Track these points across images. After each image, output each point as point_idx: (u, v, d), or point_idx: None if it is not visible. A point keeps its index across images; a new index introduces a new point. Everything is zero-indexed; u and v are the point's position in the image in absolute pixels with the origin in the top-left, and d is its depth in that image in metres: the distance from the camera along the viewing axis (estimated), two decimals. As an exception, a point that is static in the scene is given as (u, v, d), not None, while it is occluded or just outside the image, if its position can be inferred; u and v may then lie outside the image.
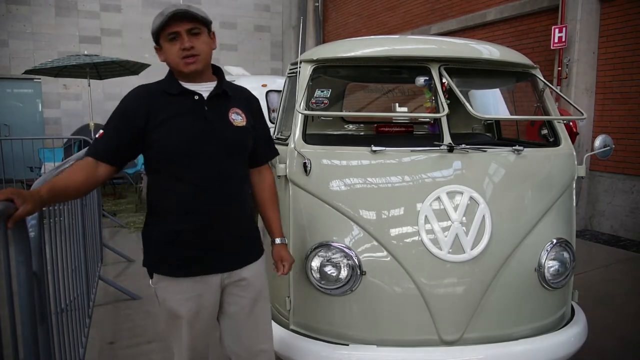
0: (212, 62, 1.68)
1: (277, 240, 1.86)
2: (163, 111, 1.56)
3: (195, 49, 1.55)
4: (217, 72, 1.70)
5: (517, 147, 2.19)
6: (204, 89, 1.63)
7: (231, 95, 1.68)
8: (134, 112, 1.56)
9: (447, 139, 2.11)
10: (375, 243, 2.00)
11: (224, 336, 1.78)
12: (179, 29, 1.53)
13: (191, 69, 1.57)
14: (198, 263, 1.62)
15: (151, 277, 1.68)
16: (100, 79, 7.86)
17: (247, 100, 1.75)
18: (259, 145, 1.78)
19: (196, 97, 1.60)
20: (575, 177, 2.33)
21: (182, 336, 1.67)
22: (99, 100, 9.91)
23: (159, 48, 1.61)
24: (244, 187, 1.70)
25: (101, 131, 1.60)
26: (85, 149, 3.76)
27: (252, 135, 1.70)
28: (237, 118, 1.66)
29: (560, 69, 5.97)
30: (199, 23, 1.56)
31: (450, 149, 2.08)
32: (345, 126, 3.88)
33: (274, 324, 2.18)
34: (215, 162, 1.59)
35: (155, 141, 1.55)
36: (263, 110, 1.87)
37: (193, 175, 1.57)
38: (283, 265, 1.84)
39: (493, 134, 3.46)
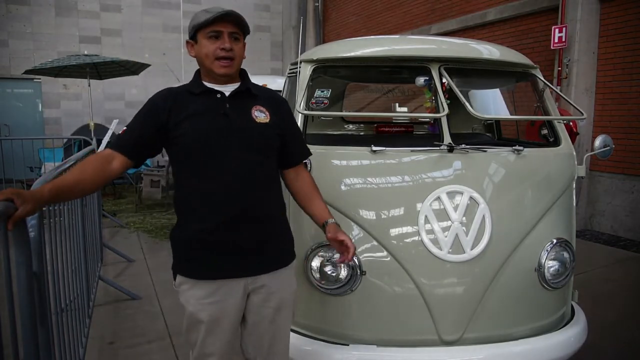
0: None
1: (330, 220, 1.71)
2: (185, 109, 1.57)
3: (233, 52, 1.56)
4: (242, 74, 1.69)
5: (517, 147, 2.19)
6: (228, 89, 1.63)
7: (256, 94, 1.67)
8: (158, 109, 1.57)
9: (447, 139, 2.11)
10: (375, 243, 2.00)
11: (243, 343, 1.74)
12: (224, 29, 1.54)
13: (223, 72, 1.58)
14: (220, 266, 1.57)
15: (174, 278, 1.65)
16: (100, 79, 7.86)
17: (273, 101, 1.71)
18: (292, 145, 1.74)
19: (218, 96, 1.60)
20: (575, 177, 2.33)
21: (201, 341, 1.61)
22: (99, 100, 9.91)
23: (192, 43, 1.61)
24: (271, 187, 1.66)
25: (124, 128, 1.62)
26: (85, 148, 3.76)
27: (278, 133, 1.65)
28: (260, 115, 1.63)
29: (560, 69, 5.96)
30: (240, 30, 1.59)
31: (450, 149, 2.08)
32: (345, 126, 3.88)
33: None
34: (237, 159, 1.56)
35: (176, 137, 1.55)
36: (289, 105, 1.85)
37: (214, 172, 1.54)
38: (346, 247, 1.66)
39: (493, 134, 3.46)
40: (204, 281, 1.58)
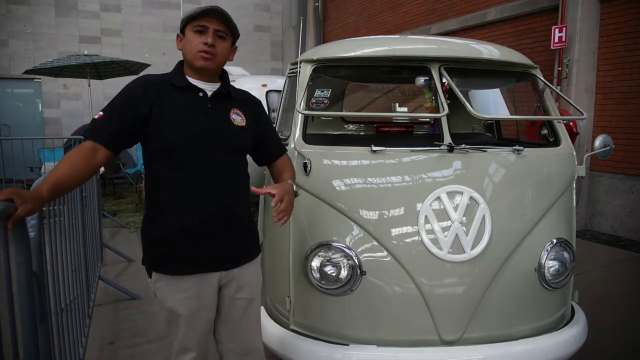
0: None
1: (288, 180, 1.75)
2: (167, 102, 1.58)
3: (215, 49, 1.59)
4: (223, 75, 1.74)
5: (517, 147, 2.19)
6: (209, 87, 1.66)
7: (234, 97, 1.72)
8: (139, 98, 1.56)
9: (447, 139, 2.11)
10: (375, 243, 2.00)
11: (217, 333, 1.80)
12: (209, 24, 1.58)
13: (203, 65, 1.59)
14: (196, 261, 1.62)
15: (150, 276, 1.68)
16: (100, 79, 7.87)
17: (248, 103, 1.78)
18: (270, 143, 1.83)
19: (200, 94, 1.63)
20: (575, 177, 2.33)
21: (181, 335, 1.68)
22: (99, 100, 9.86)
23: (181, 36, 1.65)
24: (243, 185, 1.71)
25: (100, 113, 1.57)
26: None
27: (251, 135, 1.72)
28: (237, 118, 1.68)
29: (560, 69, 5.96)
30: (227, 29, 1.62)
31: (450, 149, 2.08)
32: (345, 126, 3.88)
33: (274, 323, 2.18)
34: (215, 158, 1.61)
35: (156, 131, 1.55)
36: (263, 106, 1.89)
37: (191, 169, 1.58)
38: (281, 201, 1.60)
39: (493, 134, 3.46)
40: (181, 276, 1.62)
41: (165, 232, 1.60)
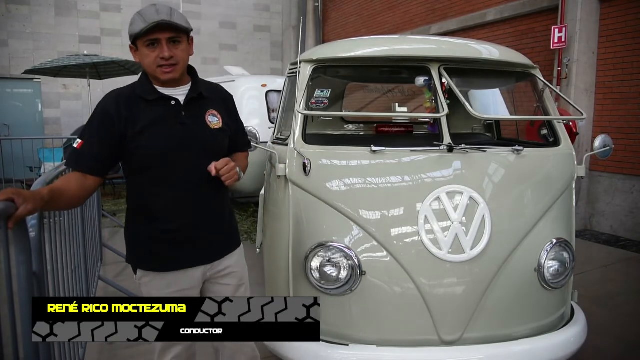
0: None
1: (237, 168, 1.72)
2: (141, 118, 1.56)
3: (174, 59, 1.54)
4: (191, 73, 1.70)
5: (516, 147, 2.19)
6: (180, 92, 1.63)
7: (207, 96, 1.69)
8: (113, 118, 1.54)
9: (447, 139, 2.11)
10: (375, 243, 2.00)
11: None
12: (160, 36, 1.51)
13: (168, 78, 1.56)
14: (181, 258, 1.65)
15: (135, 272, 1.71)
16: (100, 79, 7.87)
17: (222, 100, 1.76)
18: (238, 137, 1.83)
19: (173, 103, 1.61)
20: (575, 177, 2.33)
21: None
22: (99, 100, 9.89)
23: (135, 49, 1.58)
24: (222, 186, 1.70)
25: (79, 141, 1.56)
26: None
27: (228, 135, 1.73)
28: (214, 120, 1.68)
29: (560, 69, 5.97)
30: (180, 32, 1.55)
31: (450, 149, 2.08)
32: (345, 126, 3.88)
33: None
34: (194, 165, 1.61)
35: (135, 149, 1.56)
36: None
37: (173, 179, 1.60)
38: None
39: (493, 134, 3.46)
40: (165, 273, 1.65)
41: (147, 235, 1.63)
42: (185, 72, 1.66)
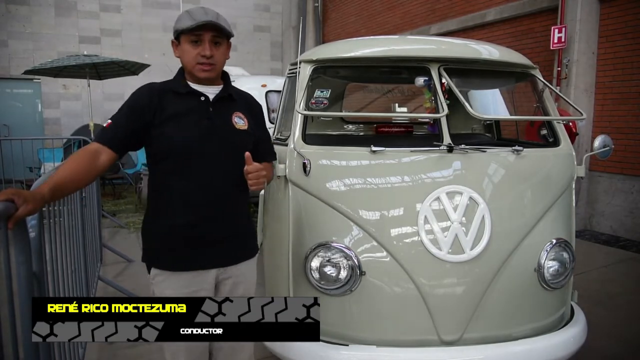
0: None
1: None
2: (170, 107, 1.62)
3: (214, 58, 1.61)
4: (224, 77, 1.76)
5: (516, 148, 2.19)
6: (211, 91, 1.69)
7: (236, 99, 1.74)
8: (144, 106, 1.60)
9: (447, 139, 2.11)
10: (375, 243, 2.00)
11: None
12: (205, 35, 1.58)
13: (205, 75, 1.64)
14: (196, 258, 1.64)
15: (149, 271, 1.70)
16: (100, 79, 7.86)
17: (250, 106, 1.81)
18: (263, 146, 1.83)
19: (202, 98, 1.66)
20: (575, 177, 2.33)
21: None
22: (99, 101, 9.91)
23: (176, 44, 1.66)
24: (244, 186, 1.72)
25: (109, 121, 1.63)
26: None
27: (252, 139, 1.75)
28: (240, 122, 1.71)
29: (559, 69, 5.97)
30: (222, 34, 1.62)
31: (450, 149, 2.08)
32: (345, 126, 3.88)
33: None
34: (216, 161, 1.64)
35: (160, 135, 1.59)
36: (263, 110, 1.90)
37: (194, 171, 1.62)
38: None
39: (493, 134, 3.46)
40: (179, 272, 1.64)
41: (165, 231, 1.63)
42: (220, 75, 1.72)
